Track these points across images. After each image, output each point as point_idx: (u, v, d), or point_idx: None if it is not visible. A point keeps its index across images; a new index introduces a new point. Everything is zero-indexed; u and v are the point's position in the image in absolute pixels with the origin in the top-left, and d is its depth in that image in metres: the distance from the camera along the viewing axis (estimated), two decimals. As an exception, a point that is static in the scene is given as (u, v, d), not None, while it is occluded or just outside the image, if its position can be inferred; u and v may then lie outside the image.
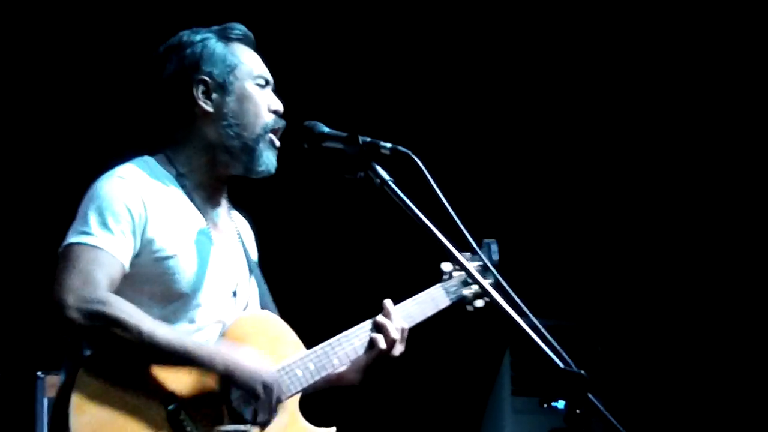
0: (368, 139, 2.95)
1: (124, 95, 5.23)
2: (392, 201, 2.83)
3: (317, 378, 3.21)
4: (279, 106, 3.27)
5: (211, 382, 3.00)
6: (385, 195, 2.85)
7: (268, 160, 3.24)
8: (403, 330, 3.37)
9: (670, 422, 6.58)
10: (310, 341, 3.28)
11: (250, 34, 3.33)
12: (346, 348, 3.29)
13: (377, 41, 6.15)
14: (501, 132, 6.58)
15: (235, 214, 3.42)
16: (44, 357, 4.93)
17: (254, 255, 3.44)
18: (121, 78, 5.29)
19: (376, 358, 3.34)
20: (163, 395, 2.94)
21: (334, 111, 3.44)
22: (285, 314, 3.32)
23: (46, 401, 4.78)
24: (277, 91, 3.32)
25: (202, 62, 3.21)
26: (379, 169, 2.90)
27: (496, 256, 3.55)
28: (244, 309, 3.29)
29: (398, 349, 3.37)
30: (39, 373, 4.80)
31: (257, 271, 3.38)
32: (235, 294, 3.24)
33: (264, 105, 3.24)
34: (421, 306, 3.49)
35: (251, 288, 3.33)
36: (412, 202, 2.80)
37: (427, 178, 2.81)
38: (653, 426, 6.38)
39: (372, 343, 3.33)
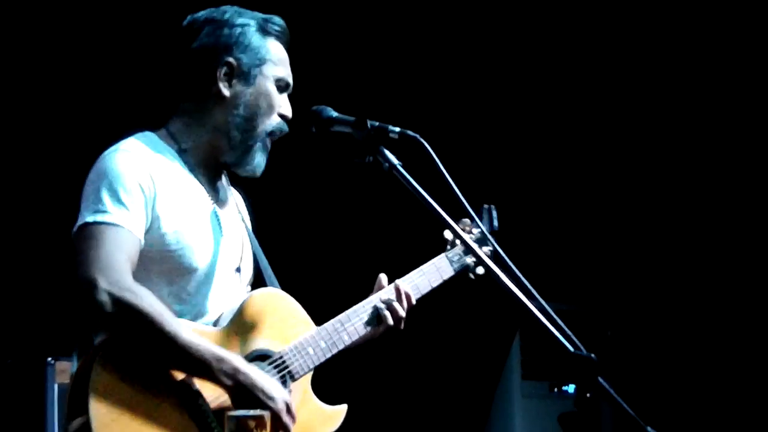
0: (376, 124, 2.94)
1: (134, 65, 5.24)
2: (400, 185, 2.82)
3: (328, 355, 3.21)
4: (289, 112, 3.27)
5: None
6: (393, 179, 2.84)
7: (257, 162, 3.23)
8: (410, 304, 3.38)
9: (679, 405, 6.58)
10: (316, 319, 3.28)
11: (288, 32, 3.31)
12: (356, 323, 3.30)
13: (386, 25, 6.13)
14: (508, 115, 6.56)
15: (233, 189, 3.42)
16: (54, 343, 4.95)
17: (250, 228, 3.44)
18: (133, 46, 5.28)
19: (384, 332, 3.36)
20: (182, 380, 2.94)
21: (342, 95, 3.42)
22: (294, 293, 3.32)
23: (56, 387, 4.80)
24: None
25: (236, 47, 3.20)
26: (387, 153, 2.89)
27: (496, 222, 3.54)
28: (248, 285, 3.30)
29: (403, 323, 3.38)
30: (49, 358, 4.82)
31: (257, 245, 3.37)
32: (239, 270, 3.25)
33: (276, 107, 3.24)
34: (426, 276, 3.49)
35: (257, 263, 3.34)
36: (421, 186, 2.79)
37: (435, 161, 2.81)
38: (663, 409, 6.38)
39: (380, 318, 3.34)
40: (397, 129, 2.92)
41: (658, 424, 2.53)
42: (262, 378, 2.99)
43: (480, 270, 3.60)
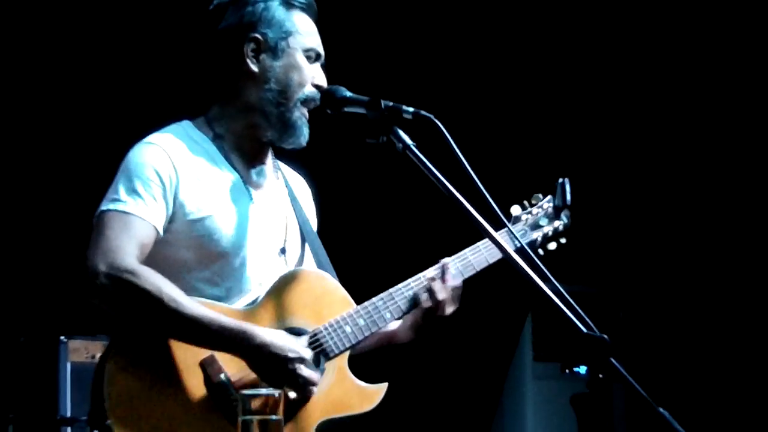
0: (390, 104, 2.92)
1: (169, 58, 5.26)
2: (414, 166, 2.82)
3: (367, 334, 3.17)
4: (323, 81, 3.24)
5: None
6: (407, 160, 2.83)
7: (299, 133, 3.21)
8: (455, 288, 3.30)
9: (692, 386, 6.58)
10: (362, 300, 3.23)
11: (314, 3, 3.30)
12: (399, 301, 3.23)
13: (400, 5, 6.12)
14: (524, 96, 6.55)
15: (288, 171, 3.41)
16: (67, 322, 4.97)
17: (311, 216, 3.42)
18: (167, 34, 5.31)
19: (424, 315, 3.28)
20: (203, 359, 2.94)
21: (355, 76, 3.42)
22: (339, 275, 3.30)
23: (68, 365, 4.82)
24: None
25: (260, 22, 3.19)
26: (401, 133, 2.87)
27: (569, 197, 3.51)
28: (296, 266, 3.28)
29: (450, 309, 3.30)
30: (62, 337, 4.84)
31: (312, 231, 3.35)
32: (283, 251, 3.24)
33: (309, 78, 3.22)
34: (483, 253, 3.38)
35: (306, 245, 3.32)
36: (435, 167, 2.78)
37: (449, 142, 2.79)
38: (676, 391, 6.38)
39: (417, 300, 3.25)
40: (411, 109, 2.90)
41: (670, 406, 2.53)
42: (270, 335, 2.98)
43: (552, 246, 3.60)
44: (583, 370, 6.64)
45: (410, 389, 6.36)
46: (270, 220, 3.22)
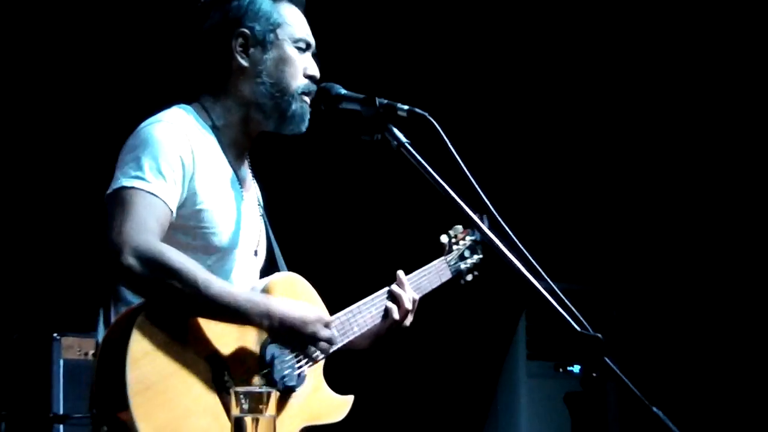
0: (385, 101, 2.92)
1: (164, 44, 5.24)
2: (409, 163, 2.81)
3: (339, 345, 3.21)
4: (316, 71, 3.23)
5: (252, 344, 3.00)
6: (401, 157, 2.83)
7: (300, 119, 3.20)
8: (414, 301, 3.41)
9: (685, 385, 6.58)
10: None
11: None
12: (366, 316, 3.31)
13: (395, 2, 6.11)
14: (517, 93, 6.55)
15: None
16: (60, 319, 4.96)
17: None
18: (161, 26, 5.29)
19: (388, 328, 3.37)
20: (210, 354, 2.93)
21: (351, 73, 3.41)
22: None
23: (62, 362, 4.81)
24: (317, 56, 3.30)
25: (246, 17, 3.18)
26: (395, 131, 2.87)
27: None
28: (261, 268, 3.29)
29: (409, 320, 3.41)
30: (55, 334, 4.83)
31: (270, 230, 3.38)
32: (256, 253, 3.26)
33: (300, 68, 3.21)
34: (428, 278, 3.56)
35: (270, 247, 3.34)
36: (429, 165, 2.78)
37: (444, 140, 2.79)
38: (669, 389, 6.38)
39: (387, 312, 3.36)
40: (406, 107, 2.90)
41: (663, 404, 2.53)
42: (293, 308, 3.02)
43: (470, 277, 3.76)
44: (576, 368, 6.64)
45: (405, 387, 6.36)
46: (250, 222, 3.23)
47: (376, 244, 6.04)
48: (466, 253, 3.75)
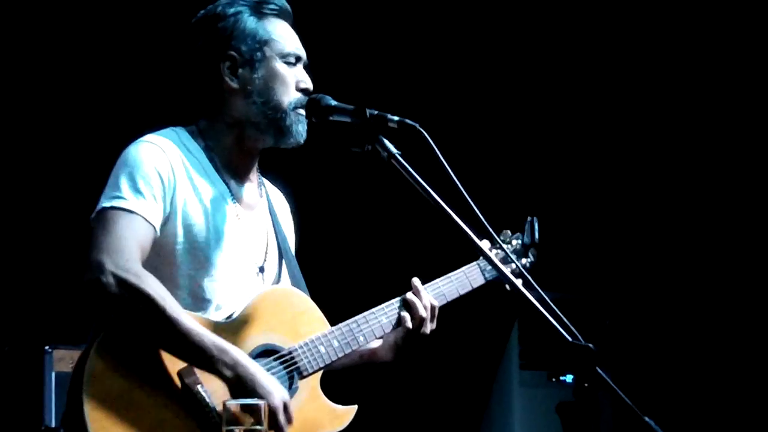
0: (376, 112, 2.92)
1: (158, 66, 5.24)
2: (400, 175, 2.81)
3: (341, 355, 3.19)
4: (308, 84, 3.23)
5: None
6: (392, 169, 2.83)
7: (296, 131, 3.20)
8: (433, 308, 3.35)
9: (677, 395, 6.58)
10: (336, 321, 3.26)
11: (287, 7, 3.28)
12: (373, 325, 3.27)
13: (385, 13, 6.12)
14: (508, 104, 6.55)
15: (271, 189, 3.41)
16: (52, 331, 4.95)
17: (289, 234, 3.43)
18: (156, 48, 5.29)
19: (405, 336, 3.33)
20: (183, 368, 2.93)
21: (341, 84, 3.41)
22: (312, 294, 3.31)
23: (53, 374, 4.80)
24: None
25: (232, 38, 3.18)
26: (386, 142, 2.87)
27: (537, 235, 3.54)
28: (272, 285, 3.28)
29: (429, 328, 3.35)
30: (46, 347, 4.82)
31: (289, 250, 3.36)
32: (262, 270, 3.24)
33: (292, 83, 3.20)
34: (454, 284, 3.47)
35: (283, 264, 3.32)
36: (420, 176, 2.78)
37: (435, 151, 2.79)
38: (661, 399, 6.38)
39: (399, 320, 3.31)
40: (396, 118, 2.90)
41: (656, 414, 2.53)
42: (262, 373, 2.97)
43: (519, 281, 3.58)
44: (569, 378, 6.63)
45: (398, 396, 6.35)
46: (252, 238, 3.22)
47: (390, 258, 6.03)
48: (511, 258, 3.59)
